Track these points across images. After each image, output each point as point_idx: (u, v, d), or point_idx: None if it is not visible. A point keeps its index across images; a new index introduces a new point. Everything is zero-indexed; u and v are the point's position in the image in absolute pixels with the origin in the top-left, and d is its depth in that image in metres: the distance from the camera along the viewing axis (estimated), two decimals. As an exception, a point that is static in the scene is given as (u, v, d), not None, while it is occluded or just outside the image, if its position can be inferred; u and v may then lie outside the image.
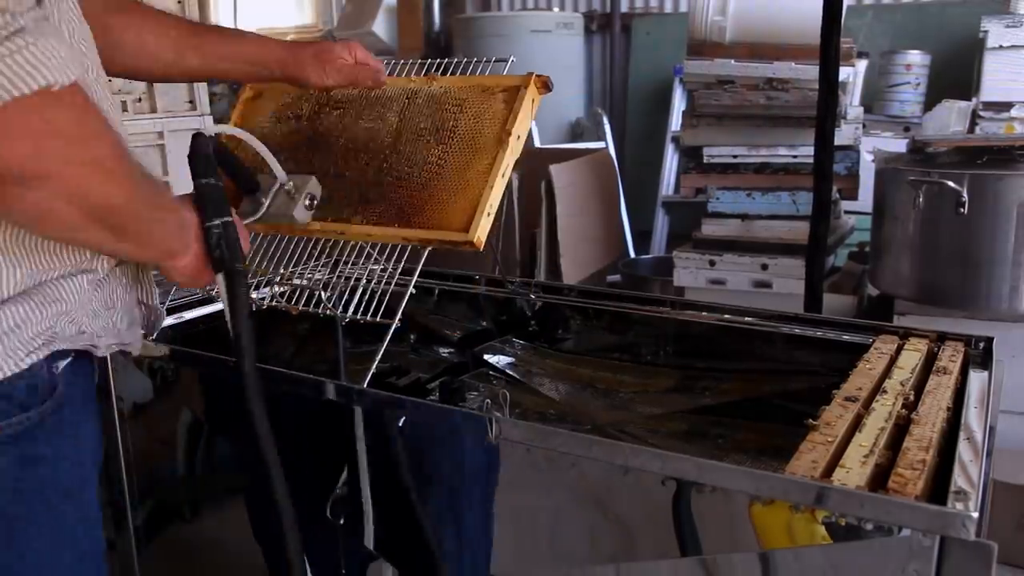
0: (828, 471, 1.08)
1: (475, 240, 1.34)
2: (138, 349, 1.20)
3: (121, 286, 1.13)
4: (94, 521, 1.11)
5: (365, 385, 1.36)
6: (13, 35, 0.79)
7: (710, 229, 3.51)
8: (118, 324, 1.13)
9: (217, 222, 1.13)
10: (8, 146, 0.81)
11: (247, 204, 1.39)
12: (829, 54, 2.60)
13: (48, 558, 1.04)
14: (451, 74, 1.55)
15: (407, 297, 1.39)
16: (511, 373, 1.87)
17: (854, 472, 1.07)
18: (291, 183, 1.39)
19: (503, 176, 1.38)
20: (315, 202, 1.41)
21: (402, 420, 1.34)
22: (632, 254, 4.92)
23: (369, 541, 1.44)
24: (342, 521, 1.45)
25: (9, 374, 0.95)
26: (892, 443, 1.17)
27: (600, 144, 5.24)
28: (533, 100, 1.43)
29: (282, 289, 1.58)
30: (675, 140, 5.19)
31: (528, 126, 1.43)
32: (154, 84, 2.31)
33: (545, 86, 1.43)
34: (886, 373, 1.42)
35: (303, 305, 1.44)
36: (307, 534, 1.52)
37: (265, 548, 1.57)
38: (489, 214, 1.36)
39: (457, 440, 1.31)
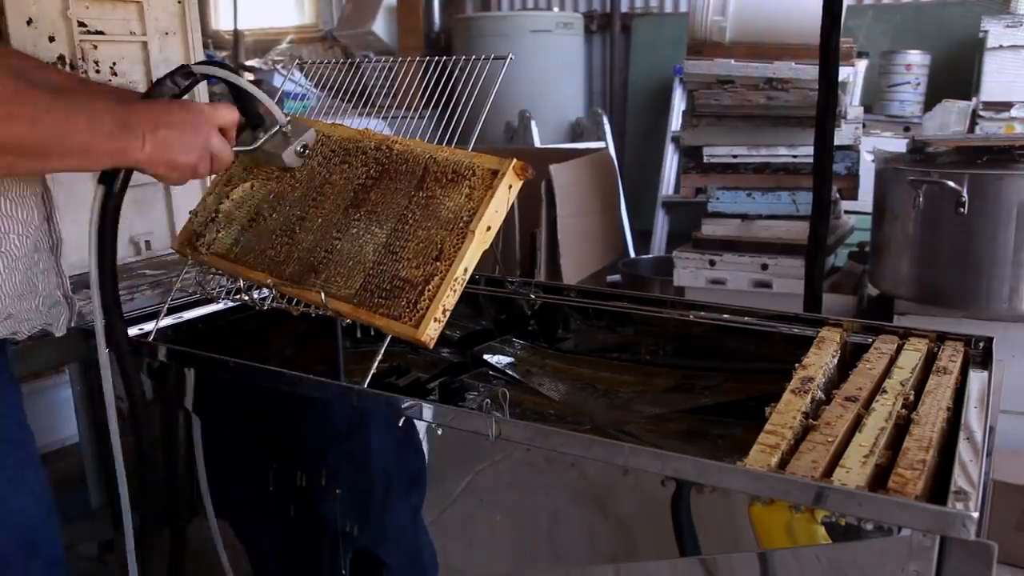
0: (828, 471, 1.08)
1: (424, 339, 1.25)
2: (62, 331, 1.31)
3: (41, 272, 1.25)
4: (36, 471, 1.26)
5: (365, 385, 1.36)
6: None
7: (710, 229, 3.51)
8: (40, 307, 1.24)
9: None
10: None
11: (247, 136, 1.44)
12: (829, 54, 2.60)
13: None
14: (448, 75, 1.53)
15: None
16: (511, 373, 1.87)
17: (854, 472, 1.07)
18: (289, 127, 1.45)
19: (466, 271, 1.28)
20: (306, 151, 1.47)
21: (402, 420, 1.34)
22: (632, 254, 4.92)
23: (369, 540, 1.44)
24: (342, 521, 1.45)
25: None
26: (892, 443, 1.17)
27: (600, 144, 5.24)
28: (511, 187, 1.32)
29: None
30: (675, 140, 5.19)
31: (503, 215, 1.32)
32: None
33: (524, 171, 1.33)
34: (886, 373, 1.41)
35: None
36: (307, 534, 1.52)
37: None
38: (446, 311, 1.27)
39: (457, 440, 1.31)
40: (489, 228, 1.30)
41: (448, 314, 1.28)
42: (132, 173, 1.28)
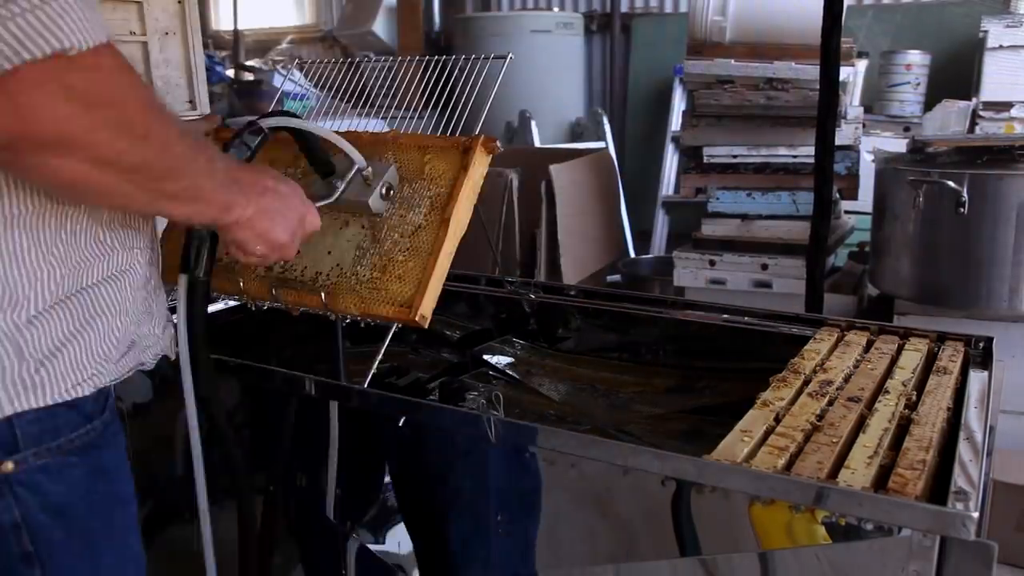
0: (833, 472, 1.08)
1: (418, 318, 1.25)
2: (173, 353, 1.18)
3: (157, 288, 1.11)
4: (138, 531, 1.11)
5: (365, 385, 1.36)
6: None
7: (710, 229, 3.51)
8: (156, 331, 1.11)
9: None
10: (24, 113, 0.77)
11: (320, 187, 1.33)
12: (829, 54, 2.60)
13: (118, 570, 1.05)
14: (448, 75, 1.53)
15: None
16: (511, 373, 1.87)
17: (859, 473, 1.07)
18: (369, 168, 1.32)
19: (448, 255, 1.28)
20: (391, 192, 1.34)
21: (402, 420, 1.34)
22: (632, 254, 4.92)
23: (368, 541, 1.44)
24: (342, 521, 1.45)
25: (62, 400, 0.93)
26: (894, 443, 1.17)
27: (600, 144, 5.24)
28: (481, 162, 1.33)
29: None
30: (675, 140, 5.19)
31: (476, 192, 1.32)
32: (154, 83, 2.31)
33: (496, 147, 1.33)
34: (887, 373, 1.42)
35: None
36: (307, 534, 1.52)
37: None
38: (436, 292, 1.27)
39: (456, 440, 1.31)
40: (468, 202, 1.31)
41: (437, 294, 1.28)
42: (215, 253, 1.16)
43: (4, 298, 0.89)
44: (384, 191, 1.33)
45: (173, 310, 1.18)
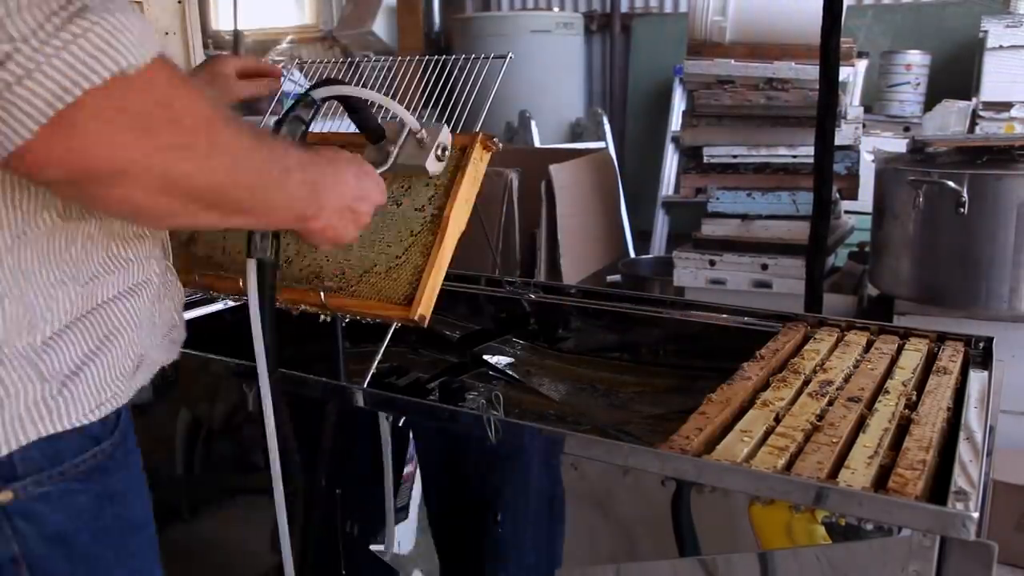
0: (833, 472, 1.08)
1: (418, 317, 1.24)
2: (175, 355, 1.11)
3: (168, 297, 1.06)
4: (156, 553, 1.06)
5: (365, 385, 1.36)
6: (75, 16, 0.68)
7: (710, 229, 3.51)
8: (156, 341, 1.04)
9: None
10: (81, 146, 0.71)
11: (373, 153, 1.30)
12: (829, 54, 2.60)
13: None
14: (448, 75, 1.53)
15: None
16: (511, 373, 1.87)
17: (859, 473, 1.07)
18: (423, 131, 1.29)
19: (447, 253, 1.27)
20: (447, 153, 1.30)
21: (402, 420, 1.34)
22: (632, 254, 4.92)
23: (369, 540, 1.44)
24: (342, 521, 1.45)
25: (86, 422, 0.88)
26: (893, 443, 1.17)
27: (600, 144, 5.24)
28: (480, 159, 1.33)
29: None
30: (675, 140, 5.19)
31: (475, 190, 1.31)
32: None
33: (494, 144, 1.33)
34: (888, 373, 1.42)
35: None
36: (306, 534, 1.52)
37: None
38: (435, 288, 1.26)
39: (456, 440, 1.31)
40: (467, 200, 1.30)
41: (437, 290, 1.27)
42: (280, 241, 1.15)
43: (22, 320, 0.83)
44: (440, 152, 1.29)
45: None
